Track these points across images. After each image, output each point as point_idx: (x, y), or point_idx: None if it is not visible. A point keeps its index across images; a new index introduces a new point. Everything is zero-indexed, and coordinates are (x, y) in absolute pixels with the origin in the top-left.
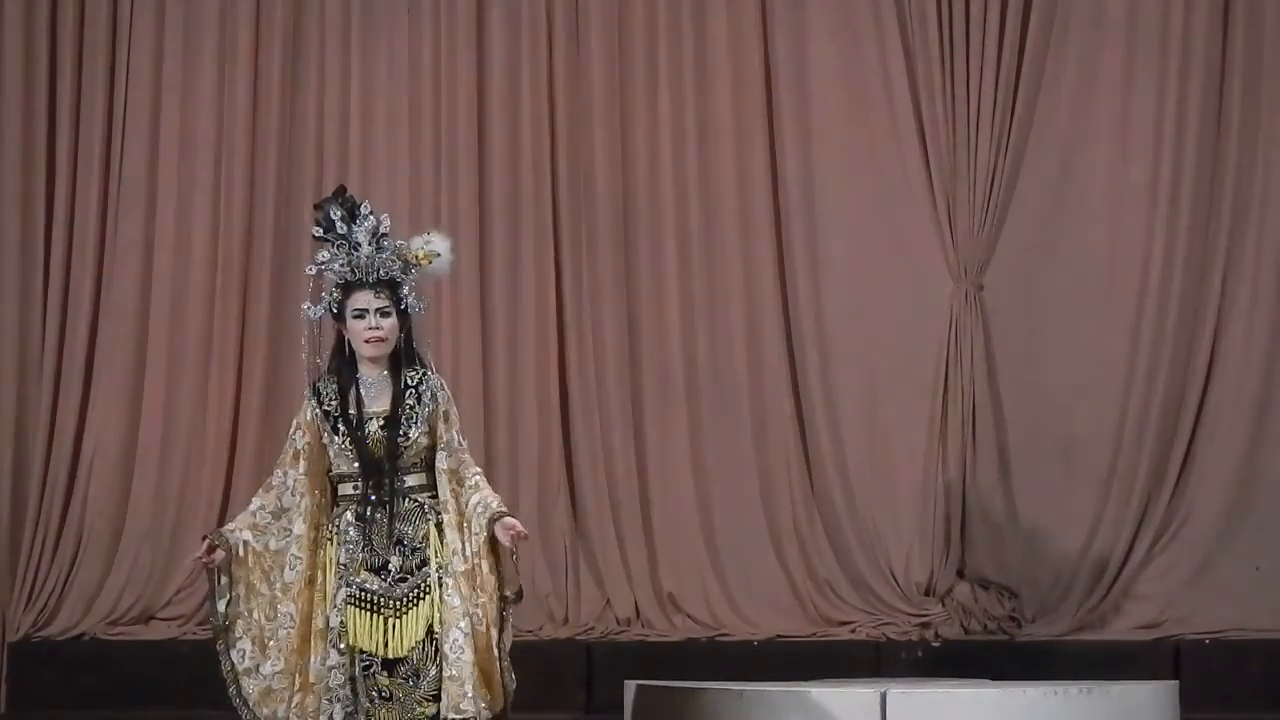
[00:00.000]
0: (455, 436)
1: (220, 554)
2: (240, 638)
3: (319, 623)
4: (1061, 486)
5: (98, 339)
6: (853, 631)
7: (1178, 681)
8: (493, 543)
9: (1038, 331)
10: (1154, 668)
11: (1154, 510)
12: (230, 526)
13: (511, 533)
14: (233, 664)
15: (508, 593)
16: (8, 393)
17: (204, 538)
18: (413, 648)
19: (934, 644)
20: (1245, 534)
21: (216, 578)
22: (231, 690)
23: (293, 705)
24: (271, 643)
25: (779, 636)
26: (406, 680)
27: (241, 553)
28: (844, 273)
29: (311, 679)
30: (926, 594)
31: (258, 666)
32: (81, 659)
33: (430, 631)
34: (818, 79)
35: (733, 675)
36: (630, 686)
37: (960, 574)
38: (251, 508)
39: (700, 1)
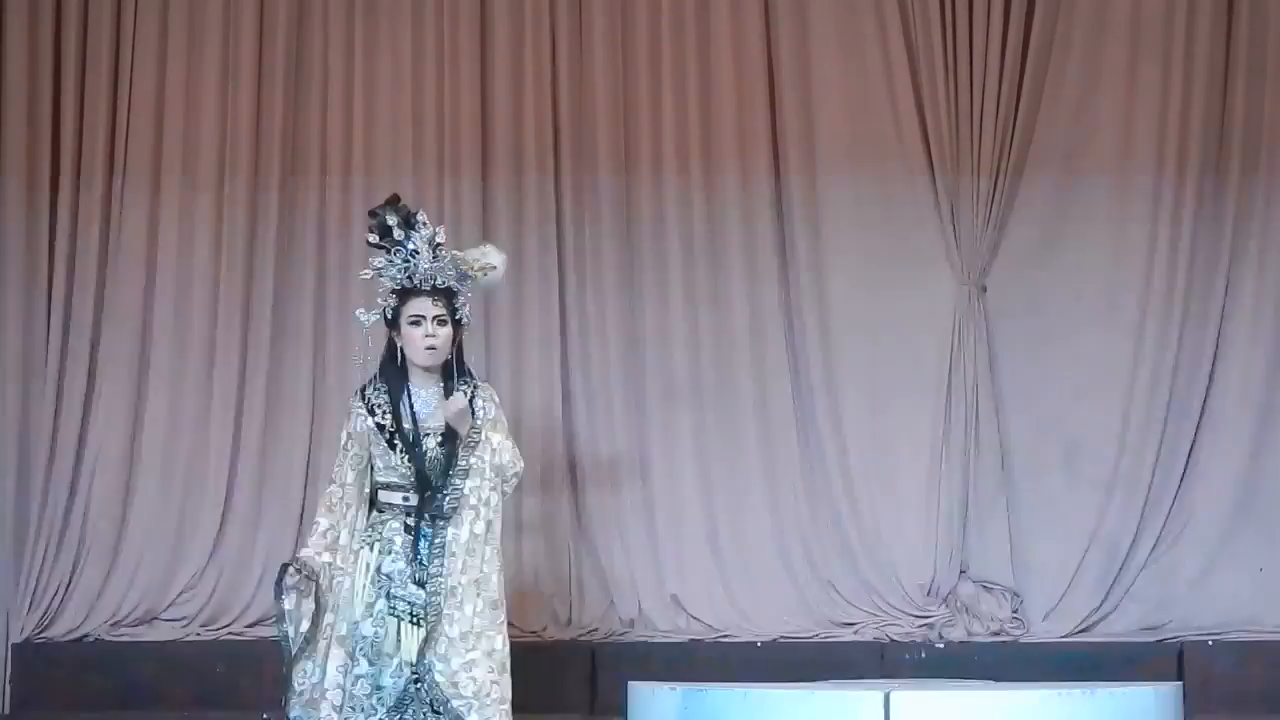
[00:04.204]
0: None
1: (301, 580)
2: (304, 660)
3: (340, 629)
4: (1064, 487)
5: (100, 340)
6: (856, 633)
7: (1181, 683)
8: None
9: (1041, 333)
10: (1157, 669)
11: (1157, 512)
12: (308, 551)
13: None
14: (293, 687)
15: None
16: (11, 394)
17: (284, 565)
18: None
19: (937, 645)
20: (1249, 535)
21: (296, 601)
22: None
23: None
24: (318, 654)
25: (782, 638)
26: None
27: (324, 577)
28: (847, 274)
29: (326, 684)
30: (930, 595)
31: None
32: (85, 661)
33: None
34: (820, 79)
35: (736, 677)
36: (633, 688)
37: (963, 575)
38: (321, 528)
39: (703, 1)
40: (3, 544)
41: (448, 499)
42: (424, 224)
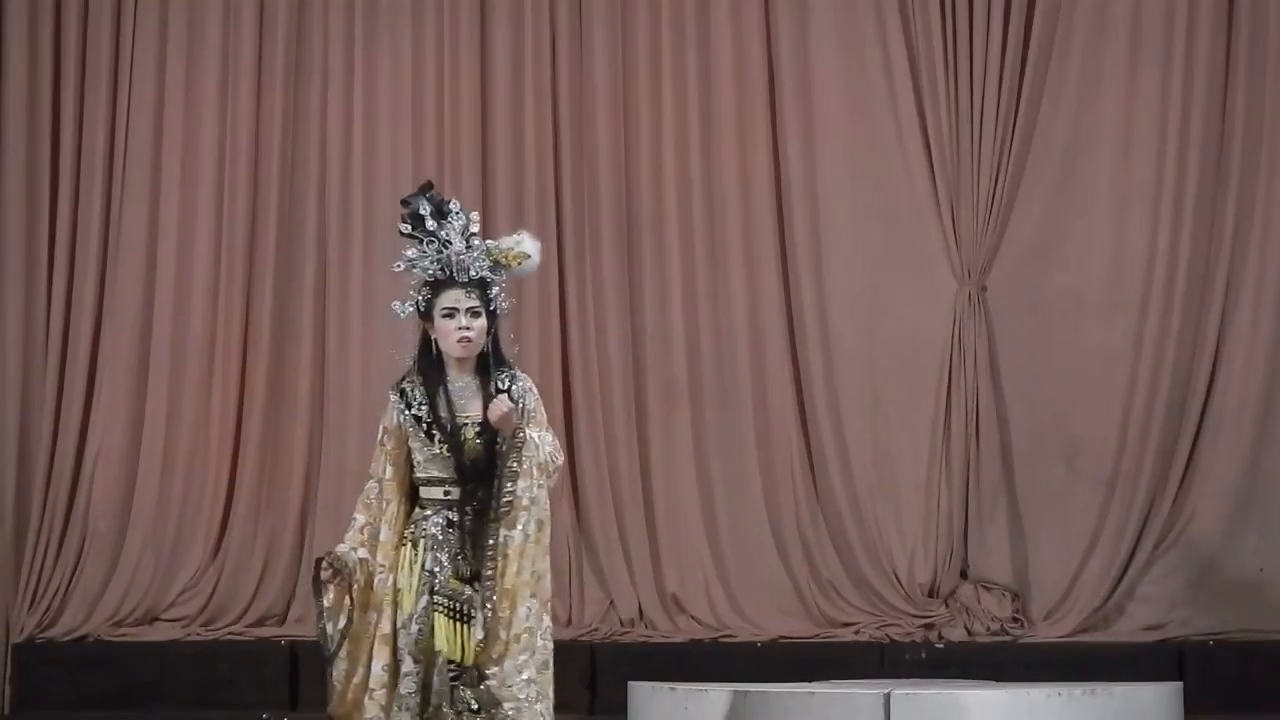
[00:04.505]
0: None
1: (336, 575)
2: (343, 656)
3: (384, 627)
4: (1065, 487)
5: (101, 339)
6: (856, 633)
7: (1181, 683)
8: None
9: (1041, 332)
10: (1158, 669)
11: (1157, 511)
12: (344, 546)
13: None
14: (333, 685)
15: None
16: (12, 393)
17: (318, 560)
18: None
19: (938, 645)
20: (1249, 535)
21: (334, 598)
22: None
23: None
24: (360, 653)
25: (782, 638)
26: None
27: (359, 573)
28: (847, 274)
29: (371, 684)
30: (930, 595)
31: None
32: (85, 660)
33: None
34: (820, 79)
35: (736, 677)
36: (634, 688)
37: (964, 575)
38: (358, 524)
39: (703, 1)
40: (3, 544)
41: (500, 503)
42: (457, 213)
